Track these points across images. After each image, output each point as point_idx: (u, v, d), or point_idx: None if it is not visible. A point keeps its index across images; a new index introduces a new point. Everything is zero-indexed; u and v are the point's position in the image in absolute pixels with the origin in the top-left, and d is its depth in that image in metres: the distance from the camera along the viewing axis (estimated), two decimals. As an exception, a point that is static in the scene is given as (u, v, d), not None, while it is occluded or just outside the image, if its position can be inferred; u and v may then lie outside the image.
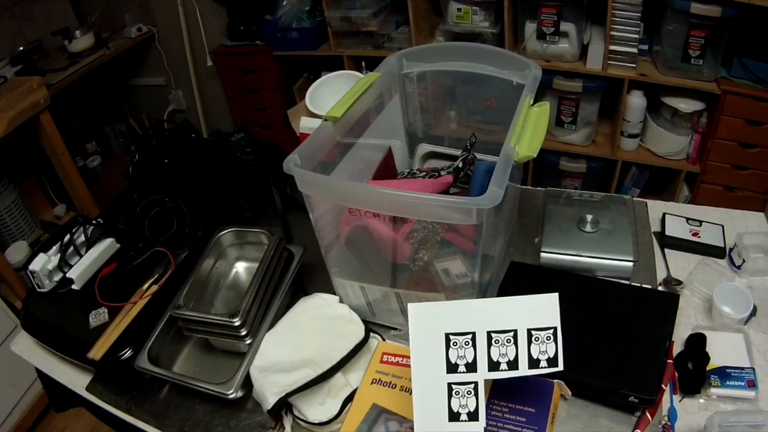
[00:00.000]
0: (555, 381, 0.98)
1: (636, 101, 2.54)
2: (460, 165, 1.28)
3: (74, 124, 3.46)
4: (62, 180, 2.81)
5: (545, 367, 0.84)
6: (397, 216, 1.03)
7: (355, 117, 1.23)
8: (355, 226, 1.09)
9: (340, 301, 1.22)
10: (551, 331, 0.85)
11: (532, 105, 1.12)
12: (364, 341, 1.12)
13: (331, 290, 1.24)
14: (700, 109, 2.43)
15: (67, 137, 2.85)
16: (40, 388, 2.34)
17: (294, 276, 1.25)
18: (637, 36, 2.38)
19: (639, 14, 2.31)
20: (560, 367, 0.84)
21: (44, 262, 1.29)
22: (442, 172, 1.31)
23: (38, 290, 1.30)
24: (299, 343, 1.12)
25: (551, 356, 0.85)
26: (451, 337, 0.85)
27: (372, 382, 1.06)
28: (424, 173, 1.36)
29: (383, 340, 1.18)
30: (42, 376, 1.33)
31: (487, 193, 0.88)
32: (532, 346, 0.85)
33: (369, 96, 1.27)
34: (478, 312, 0.87)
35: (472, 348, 0.85)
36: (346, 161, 1.23)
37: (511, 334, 0.85)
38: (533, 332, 0.85)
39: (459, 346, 0.85)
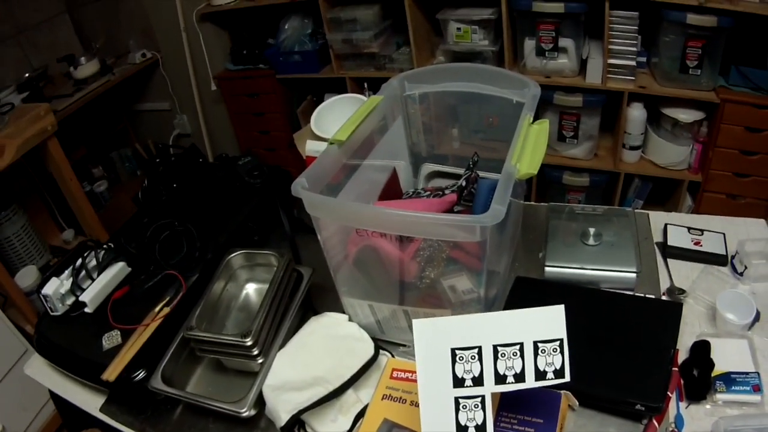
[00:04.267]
0: (562, 392, 0.99)
1: (636, 113, 2.56)
2: (464, 183, 1.30)
3: (81, 149, 3.49)
4: (70, 205, 2.85)
5: (552, 379, 0.85)
6: (404, 235, 1.05)
7: (359, 139, 1.26)
8: (362, 246, 1.11)
9: (350, 319, 1.24)
10: (558, 342, 0.86)
11: (532, 123, 1.14)
12: (373, 358, 1.14)
13: (341, 309, 1.25)
14: (700, 119, 2.45)
15: (74, 163, 2.89)
16: (52, 410, 2.35)
17: (303, 296, 1.27)
18: (634, 49, 2.41)
19: (636, 27, 2.34)
20: (567, 379, 0.85)
21: (57, 286, 1.31)
22: (447, 191, 1.32)
23: (51, 314, 1.32)
24: (310, 361, 1.14)
25: (558, 368, 0.85)
26: (457, 351, 0.86)
27: (383, 398, 1.07)
28: (429, 193, 1.37)
29: (393, 356, 1.20)
30: (55, 398, 1.34)
31: (489, 211, 0.90)
32: (539, 358, 0.86)
33: (373, 118, 1.30)
34: (484, 326, 0.87)
35: (478, 362, 0.86)
36: (352, 183, 1.25)
37: (518, 347, 0.86)
38: (539, 344, 0.86)
39: (465, 361, 0.86)
